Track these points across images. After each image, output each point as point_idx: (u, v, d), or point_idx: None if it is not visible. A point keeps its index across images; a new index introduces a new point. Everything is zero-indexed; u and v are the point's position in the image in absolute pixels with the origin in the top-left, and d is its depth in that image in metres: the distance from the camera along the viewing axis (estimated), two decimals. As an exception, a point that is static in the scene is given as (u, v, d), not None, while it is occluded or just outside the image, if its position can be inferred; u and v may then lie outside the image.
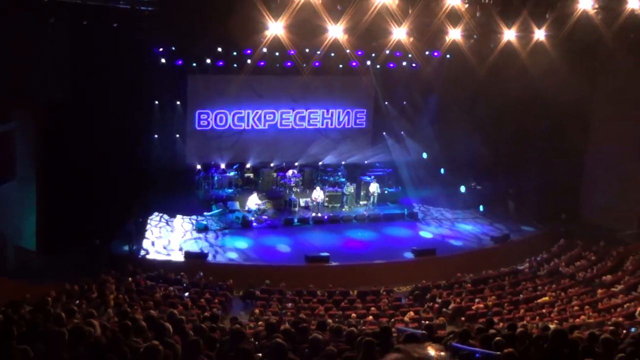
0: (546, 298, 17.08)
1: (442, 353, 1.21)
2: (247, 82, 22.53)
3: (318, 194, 23.11)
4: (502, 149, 23.99)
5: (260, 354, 7.06)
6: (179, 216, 22.28)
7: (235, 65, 21.95)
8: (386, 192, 24.59)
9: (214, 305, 15.91)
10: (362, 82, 24.35)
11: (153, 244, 20.71)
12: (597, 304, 16.48)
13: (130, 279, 17.19)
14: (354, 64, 22.95)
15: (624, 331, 12.12)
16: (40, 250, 19.59)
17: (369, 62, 23.38)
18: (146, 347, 6.26)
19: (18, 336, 6.96)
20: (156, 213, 22.08)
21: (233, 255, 20.32)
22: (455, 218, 24.13)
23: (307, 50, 21.29)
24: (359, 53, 22.46)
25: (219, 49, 21.49)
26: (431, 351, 1.20)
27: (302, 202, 23.29)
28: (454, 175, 24.71)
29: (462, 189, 24.76)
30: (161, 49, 20.98)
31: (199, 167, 23.33)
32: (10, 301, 10.72)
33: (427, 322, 13.13)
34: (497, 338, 8.27)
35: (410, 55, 22.75)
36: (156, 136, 22.08)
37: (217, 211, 22.47)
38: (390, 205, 24.20)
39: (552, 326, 12.46)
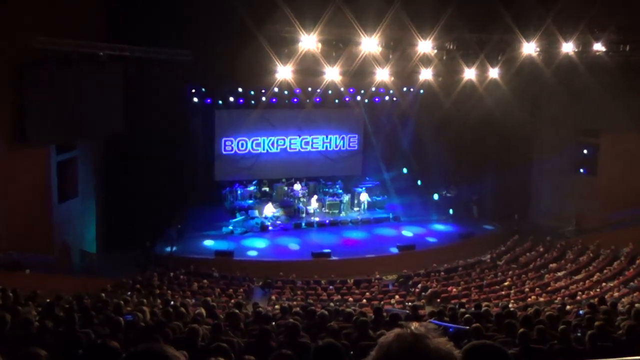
0: (506, 283, 16.84)
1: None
2: (262, 115, 22.26)
3: (315, 203, 22.75)
4: (464, 164, 23.73)
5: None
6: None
7: (252, 101, 21.78)
8: (374, 200, 24.22)
9: (239, 294, 15.64)
10: (354, 113, 24.14)
11: (189, 245, 20.35)
12: (545, 287, 16.27)
13: (171, 274, 16.93)
14: (347, 99, 22.79)
15: (567, 307, 11.91)
16: (100, 252, 19.40)
17: (358, 97, 23.09)
18: (189, 329, 6.06)
19: (80, 322, 6.77)
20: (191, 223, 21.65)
21: (253, 253, 19.97)
22: (430, 220, 23.75)
23: (309, 88, 21.07)
24: (351, 90, 22.21)
25: (240, 89, 21.37)
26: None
27: (310, 209, 22.81)
28: (428, 185, 24.41)
29: (435, 196, 24.43)
30: (193, 90, 20.86)
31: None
32: (75, 294, 10.49)
33: (410, 303, 12.82)
34: (467, 316, 8.02)
35: (391, 91, 22.68)
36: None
37: (240, 218, 22.11)
38: (378, 211, 23.78)
39: (510, 306, 12.20)
